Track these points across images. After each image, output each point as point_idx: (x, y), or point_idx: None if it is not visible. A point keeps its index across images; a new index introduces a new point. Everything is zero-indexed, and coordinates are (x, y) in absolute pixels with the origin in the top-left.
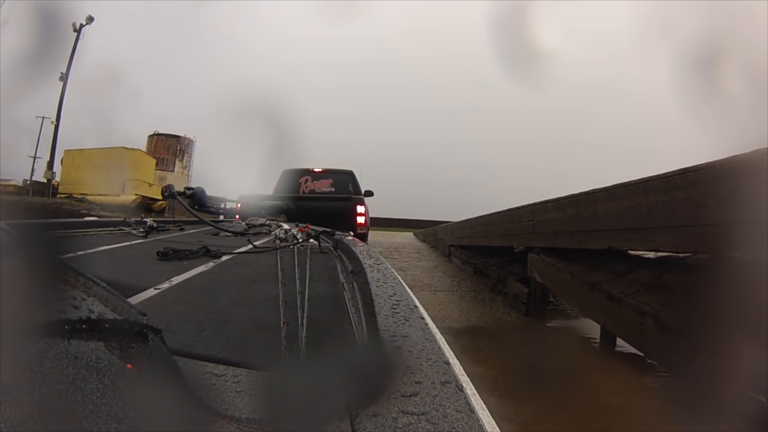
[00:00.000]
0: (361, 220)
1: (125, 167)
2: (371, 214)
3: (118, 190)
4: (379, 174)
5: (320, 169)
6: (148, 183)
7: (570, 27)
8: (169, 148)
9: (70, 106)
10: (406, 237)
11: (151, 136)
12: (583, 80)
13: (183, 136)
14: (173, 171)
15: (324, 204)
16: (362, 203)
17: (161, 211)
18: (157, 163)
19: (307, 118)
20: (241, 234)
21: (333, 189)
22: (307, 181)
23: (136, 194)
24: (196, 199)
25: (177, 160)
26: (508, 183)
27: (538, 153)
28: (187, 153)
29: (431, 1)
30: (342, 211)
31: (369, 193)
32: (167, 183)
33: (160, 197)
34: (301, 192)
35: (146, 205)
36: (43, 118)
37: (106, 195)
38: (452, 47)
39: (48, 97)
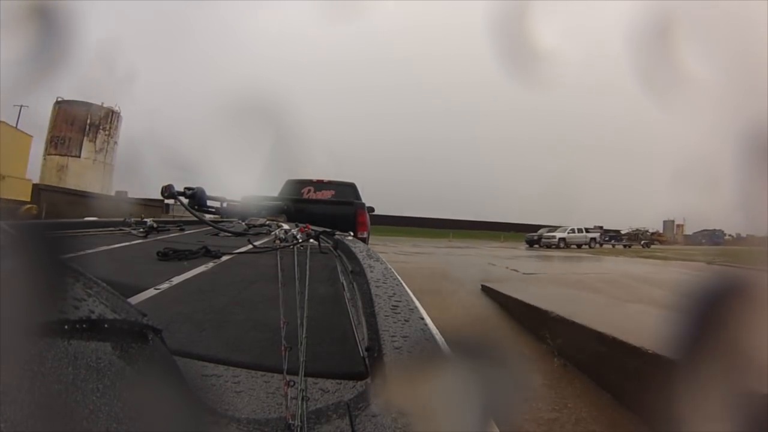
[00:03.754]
0: (362, 225)
1: None
2: (374, 215)
3: None
4: (391, 166)
5: (323, 180)
6: (17, 176)
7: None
8: (73, 122)
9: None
10: (464, 296)
11: (55, 104)
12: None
13: (99, 104)
14: (79, 156)
15: (326, 208)
16: (364, 209)
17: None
18: (55, 144)
19: (307, 119)
20: (241, 234)
21: None
22: (309, 191)
23: None
24: (195, 199)
25: (86, 139)
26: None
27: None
28: (105, 130)
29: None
30: (344, 216)
31: (369, 209)
32: (65, 173)
33: (29, 199)
34: None
35: (5, 207)
36: (21, 106)
37: None
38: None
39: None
